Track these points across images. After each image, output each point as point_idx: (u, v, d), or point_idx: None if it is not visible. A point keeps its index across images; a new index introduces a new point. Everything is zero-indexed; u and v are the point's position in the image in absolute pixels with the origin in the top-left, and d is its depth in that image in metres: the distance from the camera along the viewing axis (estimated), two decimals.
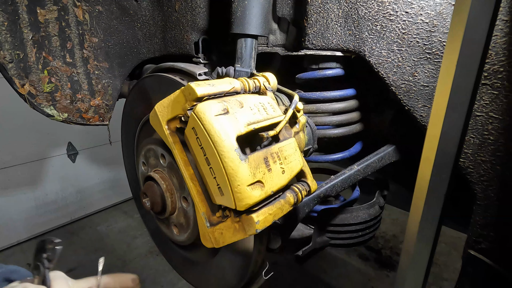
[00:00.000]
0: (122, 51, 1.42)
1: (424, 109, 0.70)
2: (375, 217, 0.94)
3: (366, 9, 0.71)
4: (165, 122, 0.64)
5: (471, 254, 0.68)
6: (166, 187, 0.69)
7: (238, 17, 0.89)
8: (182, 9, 1.17)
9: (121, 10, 1.34)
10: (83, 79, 1.30)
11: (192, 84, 0.58)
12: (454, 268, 2.49)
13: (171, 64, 0.72)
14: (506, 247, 0.64)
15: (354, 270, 2.41)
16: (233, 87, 0.65)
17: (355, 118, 0.85)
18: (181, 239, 0.73)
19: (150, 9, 1.28)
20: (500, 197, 0.64)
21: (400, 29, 0.68)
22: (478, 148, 0.64)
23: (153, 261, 2.47)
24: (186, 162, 0.64)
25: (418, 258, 0.61)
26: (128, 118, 0.95)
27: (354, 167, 0.80)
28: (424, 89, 0.69)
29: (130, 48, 1.41)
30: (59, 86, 1.22)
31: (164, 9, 1.23)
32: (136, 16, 1.33)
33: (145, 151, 0.76)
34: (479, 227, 0.67)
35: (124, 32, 1.38)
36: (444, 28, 0.63)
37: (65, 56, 1.39)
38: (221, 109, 0.58)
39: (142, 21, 1.32)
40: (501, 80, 0.59)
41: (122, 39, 1.40)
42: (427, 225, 0.59)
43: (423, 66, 0.67)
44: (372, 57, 0.73)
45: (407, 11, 0.66)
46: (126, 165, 0.99)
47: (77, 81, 1.27)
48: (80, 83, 1.28)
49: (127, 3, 1.31)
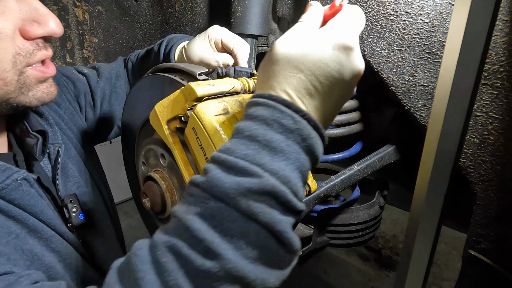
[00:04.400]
0: (122, 51, 1.42)
1: (424, 109, 0.70)
2: (375, 217, 0.94)
3: (366, 9, 0.71)
4: (165, 122, 0.64)
5: (471, 254, 0.68)
6: (166, 187, 0.69)
7: (238, 17, 0.89)
8: (182, 9, 1.17)
9: (121, 10, 1.34)
10: None
11: (192, 84, 0.58)
12: (454, 268, 2.49)
13: (171, 64, 0.72)
14: (506, 247, 0.64)
15: (354, 270, 2.40)
16: (233, 87, 0.65)
17: (355, 118, 0.86)
18: None
19: (150, 9, 1.29)
20: (500, 197, 0.64)
21: (400, 29, 0.68)
22: (478, 148, 0.64)
23: None
24: (186, 162, 0.64)
25: (418, 258, 0.61)
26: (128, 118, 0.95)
27: (354, 167, 0.80)
28: (424, 89, 0.69)
29: (130, 48, 1.41)
30: None
31: (164, 9, 1.23)
32: (136, 16, 1.33)
33: (145, 151, 0.76)
34: (479, 227, 0.67)
35: (124, 32, 1.38)
36: (444, 28, 0.63)
37: (65, 56, 1.39)
38: (221, 109, 0.58)
39: (142, 21, 1.33)
40: (501, 80, 0.59)
41: (122, 39, 1.40)
42: (427, 225, 0.59)
43: (423, 66, 0.67)
44: (372, 57, 0.73)
45: (407, 11, 0.66)
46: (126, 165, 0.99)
47: None
48: None
49: (127, 3, 1.32)
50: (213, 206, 0.37)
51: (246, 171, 0.37)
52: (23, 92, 0.58)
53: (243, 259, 0.35)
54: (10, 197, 0.58)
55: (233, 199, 0.36)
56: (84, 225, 0.70)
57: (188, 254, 0.35)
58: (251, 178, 0.36)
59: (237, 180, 0.37)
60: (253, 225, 0.36)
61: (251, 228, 0.36)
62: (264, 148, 0.38)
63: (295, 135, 0.39)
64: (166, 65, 0.72)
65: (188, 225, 0.36)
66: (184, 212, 0.38)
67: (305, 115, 0.40)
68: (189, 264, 0.35)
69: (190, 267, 0.35)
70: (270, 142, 0.38)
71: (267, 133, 0.39)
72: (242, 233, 0.35)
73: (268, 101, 0.40)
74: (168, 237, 0.37)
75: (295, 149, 0.39)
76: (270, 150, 0.38)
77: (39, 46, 0.59)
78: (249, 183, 0.36)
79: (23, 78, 0.57)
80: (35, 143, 0.67)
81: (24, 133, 0.68)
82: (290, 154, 0.39)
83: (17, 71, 0.56)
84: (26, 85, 0.58)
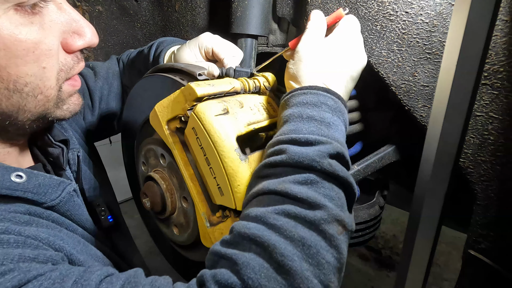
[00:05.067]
0: (122, 51, 1.42)
1: (424, 109, 0.70)
2: (375, 217, 0.94)
3: (366, 9, 0.71)
4: (165, 122, 0.64)
5: (471, 254, 0.68)
6: (166, 187, 0.69)
7: (238, 17, 0.89)
8: (182, 9, 1.17)
9: (121, 10, 1.34)
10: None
11: (192, 84, 0.58)
12: (454, 268, 2.49)
13: (171, 64, 0.72)
14: (506, 247, 0.64)
15: (354, 270, 2.40)
16: (233, 87, 0.65)
17: (355, 118, 0.85)
18: (181, 239, 0.73)
19: (150, 9, 1.29)
20: (500, 197, 0.64)
21: (400, 29, 0.68)
22: (478, 148, 0.64)
23: (154, 261, 2.47)
24: (186, 162, 0.64)
25: (418, 258, 0.61)
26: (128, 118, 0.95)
27: (354, 167, 0.80)
28: (424, 89, 0.69)
29: (130, 48, 1.40)
30: None
31: (164, 9, 1.23)
32: (136, 16, 1.33)
33: (145, 151, 0.76)
34: (479, 227, 0.67)
35: (124, 32, 1.38)
36: (444, 28, 0.63)
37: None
38: (221, 109, 0.58)
39: (142, 21, 1.32)
40: (501, 80, 0.59)
41: (122, 39, 1.40)
42: (427, 225, 0.59)
43: (423, 66, 0.67)
44: (372, 57, 0.73)
45: (407, 11, 0.66)
46: (126, 165, 0.99)
47: None
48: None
49: (127, 3, 1.31)
50: (303, 173, 0.45)
51: (319, 141, 0.47)
52: (59, 106, 0.57)
53: (337, 207, 0.44)
54: (64, 209, 0.58)
55: (319, 163, 0.45)
56: (112, 226, 0.72)
57: (299, 212, 0.42)
58: (325, 145, 0.47)
59: (317, 149, 0.46)
60: (335, 181, 0.46)
61: (334, 183, 0.46)
62: (322, 124, 0.50)
63: (337, 112, 0.52)
64: (166, 65, 0.72)
65: (288, 191, 0.44)
66: (278, 184, 0.45)
67: (339, 97, 0.54)
68: (302, 218, 0.42)
69: (304, 220, 0.42)
70: (324, 119, 0.50)
71: (319, 113, 0.50)
72: (330, 188, 0.45)
73: (312, 90, 0.53)
74: (271, 208, 0.44)
75: (340, 122, 0.52)
76: (326, 125, 0.50)
77: (78, 59, 0.57)
78: (327, 149, 0.46)
79: (61, 93, 0.56)
80: (60, 153, 0.66)
81: (46, 143, 0.66)
82: (338, 125, 0.51)
83: (58, 87, 0.55)
84: (61, 99, 0.57)
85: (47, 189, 0.55)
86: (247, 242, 0.41)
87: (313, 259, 0.39)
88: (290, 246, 0.39)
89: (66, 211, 0.59)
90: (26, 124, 0.54)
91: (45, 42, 0.49)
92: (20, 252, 0.42)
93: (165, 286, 0.43)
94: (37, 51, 0.48)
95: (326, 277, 0.39)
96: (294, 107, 0.53)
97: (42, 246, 0.47)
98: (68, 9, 0.53)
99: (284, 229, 0.41)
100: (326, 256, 0.40)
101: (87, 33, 0.55)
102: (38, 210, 0.54)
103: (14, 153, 0.60)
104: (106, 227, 0.70)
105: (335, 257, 0.41)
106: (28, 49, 0.47)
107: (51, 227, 0.54)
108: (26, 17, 0.46)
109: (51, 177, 0.57)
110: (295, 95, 0.54)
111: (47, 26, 0.49)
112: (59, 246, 0.50)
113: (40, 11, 0.48)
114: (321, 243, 0.40)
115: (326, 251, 0.40)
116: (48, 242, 0.49)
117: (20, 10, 0.45)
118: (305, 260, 0.39)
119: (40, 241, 0.48)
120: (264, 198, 0.46)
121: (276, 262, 0.38)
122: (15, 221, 0.48)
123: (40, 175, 0.56)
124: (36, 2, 0.47)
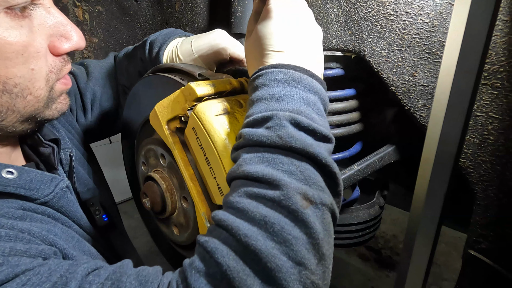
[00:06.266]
0: None
1: (424, 109, 0.70)
2: (375, 217, 0.94)
3: (366, 9, 0.71)
4: (165, 122, 0.64)
5: (471, 254, 0.68)
6: (166, 187, 0.69)
7: (238, 17, 0.89)
8: (182, 9, 1.17)
9: (121, 10, 1.34)
10: None
11: (192, 84, 0.58)
12: (454, 268, 2.49)
13: (171, 64, 0.72)
14: (506, 247, 0.64)
15: (354, 270, 2.40)
16: (233, 87, 0.65)
17: (355, 118, 0.85)
18: (181, 239, 0.73)
19: (150, 9, 1.29)
20: (500, 197, 0.64)
21: (400, 29, 0.68)
22: (478, 148, 0.64)
23: (154, 261, 2.47)
24: (186, 162, 0.64)
25: (418, 258, 0.61)
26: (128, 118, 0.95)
27: (354, 167, 0.80)
28: (424, 89, 0.69)
29: None
30: None
31: (164, 9, 1.23)
32: (136, 16, 1.33)
33: (145, 151, 0.76)
34: (479, 227, 0.67)
35: (124, 32, 1.38)
36: (444, 28, 0.63)
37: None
38: (221, 109, 0.58)
39: (142, 21, 1.33)
40: (501, 80, 0.59)
41: (122, 39, 1.40)
42: (427, 225, 0.59)
43: (423, 66, 0.67)
44: (372, 57, 0.73)
45: (407, 11, 0.66)
46: (126, 165, 0.99)
47: None
48: None
49: (127, 3, 1.32)
50: (257, 152, 0.45)
51: (266, 117, 0.46)
52: (49, 106, 0.58)
53: (299, 181, 0.42)
54: (58, 205, 0.58)
55: (268, 137, 0.45)
56: (107, 226, 0.71)
57: (259, 191, 0.42)
58: (273, 120, 0.45)
59: (266, 125, 0.46)
60: (293, 154, 0.44)
61: (293, 156, 0.44)
62: (272, 100, 0.48)
63: (289, 82, 0.49)
64: (166, 65, 0.72)
65: (245, 173, 0.44)
66: (237, 169, 0.46)
67: (292, 67, 0.50)
68: (262, 197, 0.42)
69: (264, 199, 0.42)
70: (273, 94, 0.48)
71: (269, 89, 0.49)
72: (289, 163, 0.43)
73: (262, 71, 0.51)
74: (235, 192, 0.44)
75: (296, 91, 0.49)
76: (276, 99, 0.48)
77: (65, 60, 0.59)
78: (275, 123, 0.45)
79: (52, 93, 0.58)
80: (51, 152, 0.66)
81: (36, 143, 0.67)
82: (293, 96, 0.48)
83: (49, 88, 0.56)
84: (51, 99, 0.58)
85: (39, 184, 0.56)
86: (218, 228, 0.43)
87: (278, 236, 0.39)
88: (253, 227, 0.40)
89: (60, 207, 0.59)
90: (15, 124, 0.55)
91: (33, 45, 0.51)
92: (11, 245, 0.42)
93: (151, 275, 0.43)
94: (26, 54, 0.50)
95: (297, 254, 0.38)
96: (250, 94, 0.53)
97: (34, 240, 0.47)
98: (56, 13, 0.55)
99: (246, 210, 0.41)
100: (292, 232, 0.39)
101: (74, 37, 0.57)
102: (33, 206, 0.54)
103: (5, 153, 0.61)
104: (102, 226, 0.70)
105: (304, 231, 0.40)
106: (17, 51, 0.48)
107: (45, 221, 0.54)
108: (15, 20, 0.48)
109: (42, 173, 0.57)
110: (250, 82, 0.54)
111: (36, 29, 0.51)
112: (52, 240, 0.50)
113: (29, 14, 0.50)
114: (285, 219, 0.40)
115: (291, 227, 0.40)
116: (40, 236, 0.49)
117: (10, 13, 0.47)
118: (269, 238, 0.39)
119: (32, 236, 0.48)
120: (232, 185, 0.48)
121: (241, 244, 0.39)
122: (8, 216, 0.49)
123: (32, 171, 0.56)
124: (25, 6, 0.49)
